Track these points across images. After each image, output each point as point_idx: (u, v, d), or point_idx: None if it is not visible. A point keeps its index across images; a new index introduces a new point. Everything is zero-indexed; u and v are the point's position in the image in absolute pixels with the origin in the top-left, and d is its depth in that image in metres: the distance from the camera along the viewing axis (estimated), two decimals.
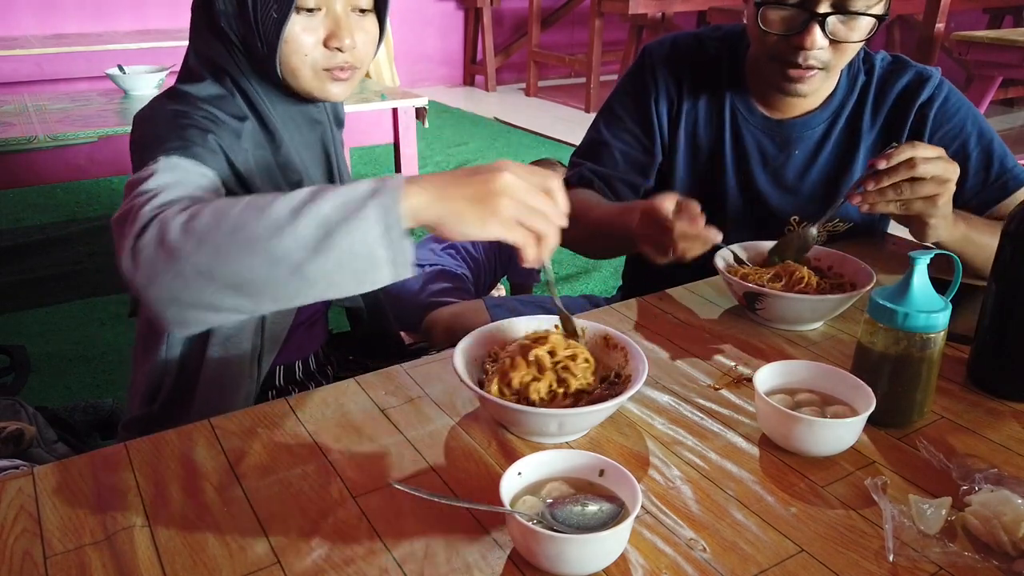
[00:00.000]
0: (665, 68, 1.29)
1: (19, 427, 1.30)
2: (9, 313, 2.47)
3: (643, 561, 0.65)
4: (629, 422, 0.84)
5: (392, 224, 0.67)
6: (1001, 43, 3.23)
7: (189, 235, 0.69)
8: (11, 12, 4.47)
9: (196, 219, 0.70)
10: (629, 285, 1.51)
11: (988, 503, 0.69)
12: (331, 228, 0.67)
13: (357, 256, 0.67)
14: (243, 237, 0.68)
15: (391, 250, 0.68)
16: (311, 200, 0.68)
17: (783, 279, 1.06)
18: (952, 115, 1.23)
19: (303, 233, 0.67)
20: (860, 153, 1.26)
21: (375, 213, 0.67)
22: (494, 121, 5.17)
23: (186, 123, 0.89)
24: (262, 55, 0.93)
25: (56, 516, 0.70)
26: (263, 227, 0.68)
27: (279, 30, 0.90)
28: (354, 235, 0.67)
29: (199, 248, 0.69)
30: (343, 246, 0.67)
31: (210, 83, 0.95)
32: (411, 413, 0.85)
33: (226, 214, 0.69)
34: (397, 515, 0.70)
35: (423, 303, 1.83)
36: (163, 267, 0.70)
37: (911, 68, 1.26)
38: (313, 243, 0.67)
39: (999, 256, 0.88)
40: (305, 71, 0.94)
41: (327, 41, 0.94)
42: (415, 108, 3.04)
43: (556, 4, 6.15)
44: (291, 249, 0.67)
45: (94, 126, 2.43)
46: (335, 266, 0.68)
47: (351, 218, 0.67)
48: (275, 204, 0.69)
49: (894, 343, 0.81)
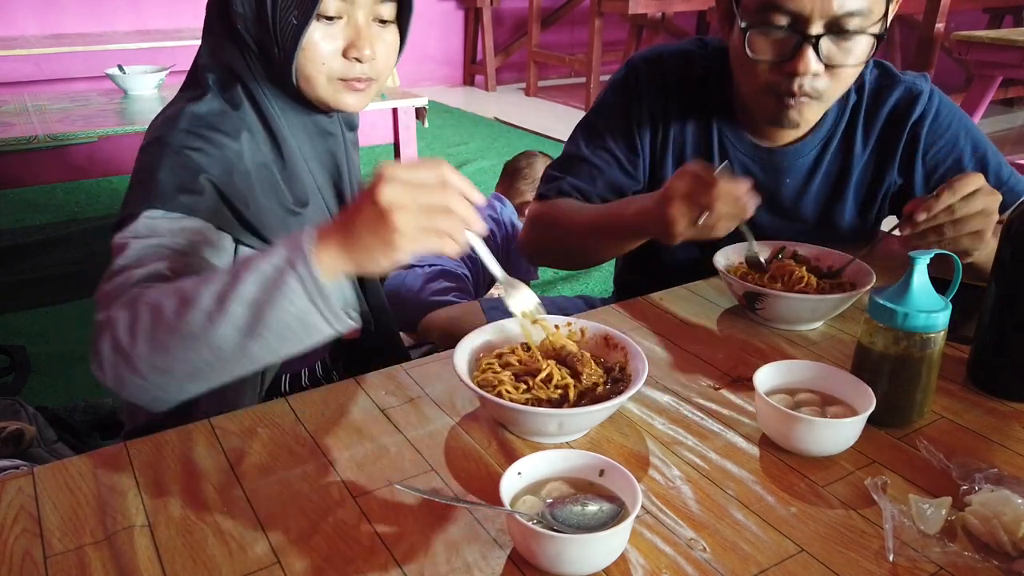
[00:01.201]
0: (651, 90, 1.22)
1: (19, 427, 1.30)
2: (9, 313, 2.47)
3: (643, 561, 0.65)
4: (629, 422, 0.84)
5: (313, 289, 0.68)
6: (1001, 43, 3.23)
7: (136, 338, 0.71)
8: (11, 12, 4.47)
9: (138, 320, 0.71)
10: (619, 291, 1.49)
11: (988, 503, 0.69)
12: (258, 308, 0.69)
13: (291, 326, 0.70)
14: (181, 333, 0.70)
15: (322, 311, 0.69)
16: (231, 284, 0.69)
17: (783, 279, 1.06)
18: (944, 131, 1.20)
19: (234, 320, 0.69)
20: (853, 177, 1.23)
21: (294, 283, 0.68)
22: (494, 121, 5.17)
23: (175, 165, 0.87)
24: (278, 61, 0.91)
25: (56, 516, 0.70)
26: (195, 321, 0.69)
27: (298, 37, 0.88)
28: (282, 309, 0.68)
29: (149, 349, 0.71)
30: (274, 322, 0.69)
31: (212, 96, 0.93)
32: (411, 413, 0.85)
33: (160, 312, 0.71)
34: (397, 515, 0.70)
35: (423, 302, 1.84)
36: (124, 371, 0.73)
37: (900, 83, 1.21)
38: (246, 326, 0.69)
39: (999, 256, 0.88)
40: (321, 79, 0.93)
41: (346, 51, 0.92)
42: (415, 108, 3.04)
43: (556, 4, 6.15)
44: (228, 335, 0.69)
45: (94, 126, 2.43)
46: (275, 339, 0.70)
47: (274, 294, 0.68)
48: (201, 295, 0.70)
49: (894, 343, 0.81)
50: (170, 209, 0.84)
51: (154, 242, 0.82)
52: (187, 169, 0.87)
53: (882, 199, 1.26)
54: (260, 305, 0.68)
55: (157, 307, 0.71)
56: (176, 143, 0.88)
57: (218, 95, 0.93)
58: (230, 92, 0.94)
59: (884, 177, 1.23)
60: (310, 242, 0.69)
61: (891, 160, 1.22)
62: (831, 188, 1.24)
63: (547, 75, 6.36)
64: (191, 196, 0.86)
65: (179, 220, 0.84)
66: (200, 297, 0.70)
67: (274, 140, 0.96)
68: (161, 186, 0.85)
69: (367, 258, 0.69)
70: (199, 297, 0.70)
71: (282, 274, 0.68)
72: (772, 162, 1.22)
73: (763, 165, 1.23)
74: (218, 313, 0.69)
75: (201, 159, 0.88)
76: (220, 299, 0.69)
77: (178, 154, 0.88)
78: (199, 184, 0.86)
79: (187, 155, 0.88)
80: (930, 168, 1.22)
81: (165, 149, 0.88)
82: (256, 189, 0.93)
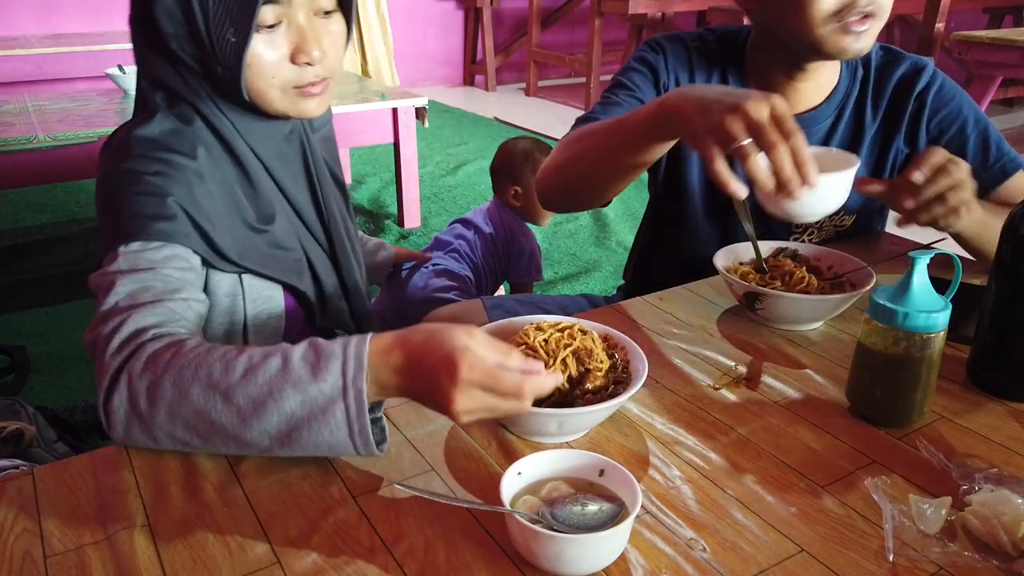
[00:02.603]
0: (675, 58, 1.26)
1: (19, 427, 1.30)
2: (9, 313, 2.47)
3: (643, 561, 0.65)
4: (629, 422, 0.84)
5: (357, 430, 0.69)
6: (1001, 43, 3.23)
7: (156, 406, 0.71)
8: (11, 12, 4.47)
9: (158, 390, 0.71)
10: (631, 286, 1.50)
11: (988, 503, 0.69)
12: (297, 425, 0.69)
13: (321, 448, 0.70)
14: (209, 421, 0.70)
15: (358, 448, 0.70)
16: (271, 394, 0.68)
17: (783, 279, 1.06)
18: (949, 100, 1.24)
19: (268, 428, 0.69)
20: (865, 143, 1.27)
21: (341, 418, 0.68)
22: (494, 121, 5.17)
23: (140, 193, 0.83)
24: (224, 79, 0.86)
25: (56, 516, 0.70)
26: (227, 417, 0.69)
27: (240, 54, 0.83)
28: (321, 435, 0.69)
29: (170, 421, 0.71)
30: (309, 441, 0.69)
31: (162, 116, 0.88)
32: (411, 413, 0.85)
33: (187, 394, 0.70)
34: (397, 515, 0.70)
35: (425, 298, 1.84)
36: (137, 431, 0.73)
37: (906, 58, 1.26)
38: (280, 436, 0.69)
39: (999, 256, 0.88)
40: (273, 92, 0.88)
41: (294, 56, 0.86)
42: (415, 108, 3.05)
43: (556, 4, 6.15)
44: (257, 438, 0.70)
45: (94, 126, 2.44)
46: (303, 450, 0.71)
47: (317, 419, 0.68)
48: (235, 393, 0.69)
49: (894, 343, 0.80)
50: (147, 239, 0.81)
51: (142, 276, 0.80)
52: (153, 195, 0.83)
53: (890, 170, 1.29)
54: (300, 422, 0.68)
55: (182, 384, 0.70)
56: (134, 170, 0.84)
57: (167, 114, 0.88)
58: (179, 108, 0.89)
59: (891, 146, 1.27)
60: (366, 379, 0.68)
61: (898, 129, 1.26)
62: None
63: (547, 75, 6.36)
64: (165, 222, 0.82)
65: (160, 249, 0.82)
66: (234, 395, 0.69)
67: (233, 155, 0.92)
68: (132, 218, 0.82)
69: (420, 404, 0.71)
70: (233, 395, 0.69)
71: (330, 403, 0.68)
72: None
73: None
74: (253, 418, 0.69)
75: (164, 182, 0.84)
76: (257, 405, 0.68)
77: (139, 182, 0.83)
78: (169, 208, 0.83)
79: (148, 180, 0.83)
80: (934, 135, 1.25)
81: (124, 179, 0.84)
82: (220, 208, 0.88)
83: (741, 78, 1.26)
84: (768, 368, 0.96)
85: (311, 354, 0.69)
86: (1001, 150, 1.24)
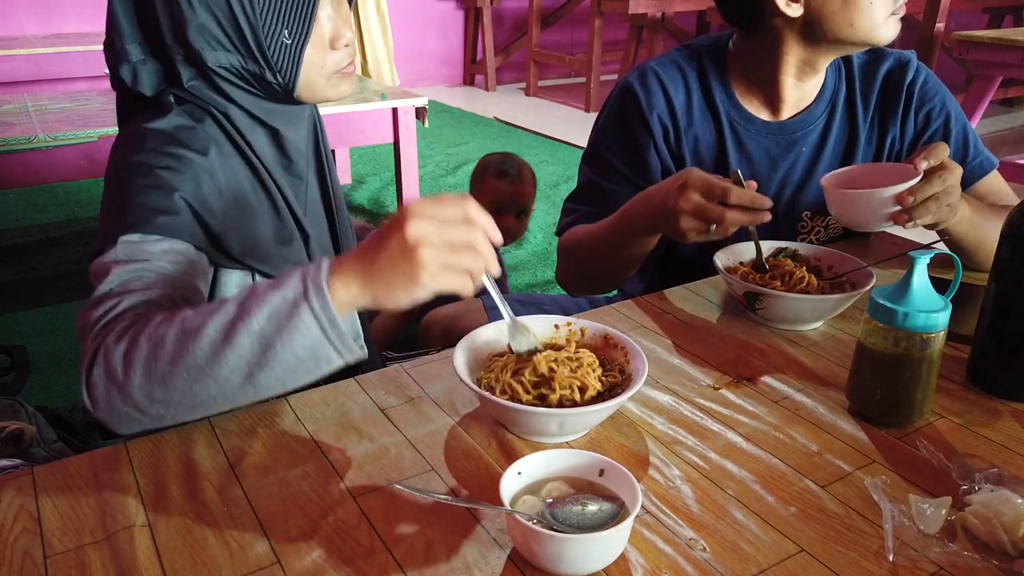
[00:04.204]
0: (651, 102, 1.24)
1: (19, 427, 1.30)
2: (9, 313, 2.47)
3: (643, 561, 0.65)
4: (629, 422, 0.84)
5: (327, 324, 0.67)
6: (1001, 43, 3.23)
7: (132, 367, 0.69)
8: (11, 12, 4.47)
9: (135, 350, 0.70)
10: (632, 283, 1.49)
11: (988, 503, 0.69)
12: (268, 341, 0.67)
13: (302, 358, 0.68)
14: (184, 365, 0.68)
15: (334, 344, 0.68)
16: (239, 315, 0.68)
17: (783, 279, 1.06)
18: (934, 94, 1.27)
19: (241, 352, 0.67)
20: (861, 139, 1.28)
21: (307, 317, 0.67)
22: (494, 121, 5.17)
23: (148, 185, 0.83)
24: (273, 81, 0.87)
25: (56, 516, 0.70)
26: (200, 353, 0.68)
27: (298, 54, 0.85)
28: (295, 342, 0.67)
29: (146, 380, 0.69)
30: (285, 354, 0.68)
31: (175, 113, 0.88)
32: (411, 413, 0.85)
33: (161, 342, 0.69)
34: (397, 515, 0.70)
35: None
36: (118, 402, 0.71)
37: (888, 53, 1.28)
38: (255, 358, 0.68)
39: (998, 256, 0.88)
40: (321, 81, 0.90)
41: (334, 42, 0.88)
42: (415, 108, 3.04)
43: (556, 4, 6.15)
44: (235, 368, 0.68)
45: (94, 126, 2.43)
46: (284, 370, 0.69)
47: (286, 328, 0.67)
48: (206, 327, 0.68)
49: (894, 343, 0.80)
50: (148, 232, 0.81)
51: (137, 267, 0.79)
52: (160, 190, 0.83)
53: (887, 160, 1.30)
54: (270, 338, 0.67)
55: (157, 337, 0.69)
56: (145, 163, 0.84)
57: (179, 111, 0.89)
58: (189, 106, 0.90)
59: (887, 139, 1.29)
60: (325, 274, 0.68)
61: (892, 121, 1.28)
62: (843, 152, 1.29)
63: (547, 75, 6.36)
64: (168, 217, 0.82)
65: (159, 243, 0.82)
66: (205, 329, 0.68)
67: (242, 154, 0.92)
68: (136, 210, 0.81)
69: (386, 293, 0.68)
70: (204, 329, 0.68)
71: (295, 307, 0.67)
72: (786, 134, 1.26)
73: (778, 139, 1.27)
74: (225, 345, 0.67)
75: (173, 178, 0.84)
76: (227, 331, 0.67)
77: (148, 175, 0.84)
78: (175, 204, 0.83)
79: (158, 175, 0.84)
80: (920, 127, 1.28)
81: (134, 171, 0.84)
82: (228, 205, 0.89)
83: (725, 89, 1.26)
84: (768, 368, 0.96)
85: (274, 280, 0.70)
86: (977, 148, 1.27)
